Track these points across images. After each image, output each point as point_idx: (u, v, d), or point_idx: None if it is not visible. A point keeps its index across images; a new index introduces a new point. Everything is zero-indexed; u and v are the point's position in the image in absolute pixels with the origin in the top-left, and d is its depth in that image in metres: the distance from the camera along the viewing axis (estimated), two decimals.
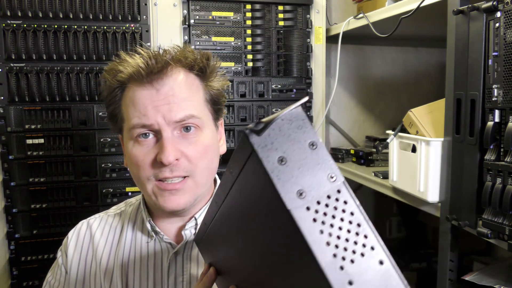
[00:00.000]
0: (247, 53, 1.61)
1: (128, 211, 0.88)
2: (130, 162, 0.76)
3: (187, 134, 0.73)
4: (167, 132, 0.71)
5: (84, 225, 0.89)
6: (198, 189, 0.76)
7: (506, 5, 0.90)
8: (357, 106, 2.21)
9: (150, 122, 0.71)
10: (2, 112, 1.40)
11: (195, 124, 0.73)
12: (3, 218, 1.43)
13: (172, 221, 0.81)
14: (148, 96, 0.72)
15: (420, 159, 1.20)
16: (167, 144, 0.70)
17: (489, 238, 0.95)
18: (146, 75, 0.72)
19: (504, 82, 0.91)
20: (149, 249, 0.81)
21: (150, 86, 0.72)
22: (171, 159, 0.70)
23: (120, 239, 0.84)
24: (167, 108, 0.71)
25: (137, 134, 0.73)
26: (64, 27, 1.42)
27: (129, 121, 0.74)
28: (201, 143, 0.74)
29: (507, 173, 0.91)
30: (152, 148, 0.73)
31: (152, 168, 0.72)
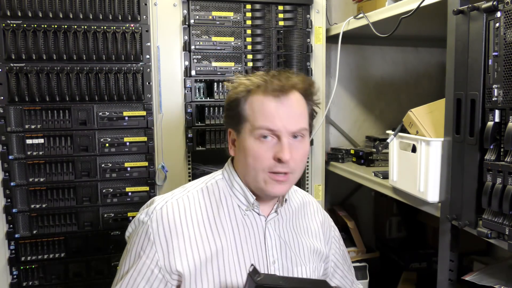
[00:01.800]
0: (247, 53, 1.61)
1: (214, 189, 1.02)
2: (248, 154, 0.94)
3: (295, 140, 0.95)
4: (286, 137, 0.93)
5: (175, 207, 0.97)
6: (294, 182, 1.00)
7: (506, 5, 0.90)
8: (357, 106, 2.21)
9: (275, 128, 0.92)
10: (2, 112, 1.40)
11: (302, 134, 0.96)
12: (3, 218, 1.43)
13: (265, 202, 1.02)
14: (274, 107, 0.93)
15: (420, 159, 1.20)
16: (286, 147, 0.92)
17: (489, 238, 0.96)
18: (277, 90, 0.93)
19: (504, 82, 0.91)
20: (246, 220, 1.00)
21: (277, 98, 0.93)
22: (287, 158, 0.91)
23: (219, 213, 0.99)
24: (288, 120, 0.93)
25: (260, 135, 0.93)
26: (64, 27, 1.42)
27: (255, 123, 0.94)
28: (303, 150, 0.97)
29: (507, 173, 0.91)
30: (272, 147, 0.93)
31: (269, 163, 0.93)
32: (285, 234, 1.05)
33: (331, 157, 1.94)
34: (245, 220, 1.01)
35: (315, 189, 1.78)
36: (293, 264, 1.04)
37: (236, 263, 0.96)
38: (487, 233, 0.96)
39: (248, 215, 1.01)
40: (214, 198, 1.01)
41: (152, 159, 1.54)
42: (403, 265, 1.93)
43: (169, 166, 1.56)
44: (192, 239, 0.94)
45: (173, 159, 1.57)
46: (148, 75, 1.52)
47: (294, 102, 0.96)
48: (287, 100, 0.95)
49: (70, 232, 1.49)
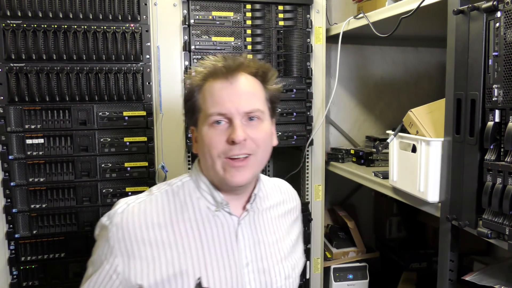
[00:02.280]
0: (247, 53, 1.61)
1: (179, 190, 0.96)
2: (203, 144, 0.91)
3: (251, 122, 0.91)
4: (238, 119, 0.89)
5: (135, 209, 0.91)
6: (258, 167, 0.94)
7: (506, 5, 0.90)
8: (357, 106, 2.21)
9: (225, 111, 0.88)
10: (2, 112, 1.40)
11: (258, 116, 0.92)
12: (3, 218, 1.43)
13: (231, 198, 0.96)
14: (224, 89, 0.90)
15: (420, 159, 1.20)
16: (237, 127, 0.88)
17: (489, 238, 0.96)
18: (225, 72, 0.90)
19: (504, 82, 0.91)
20: (216, 221, 0.94)
21: (225, 80, 0.91)
22: (241, 138, 0.87)
23: (183, 214, 0.93)
24: (239, 101, 0.89)
25: (212, 121, 0.89)
26: (64, 27, 1.42)
27: (207, 110, 0.90)
28: (262, 129, 0.92)
29: (507, 173, 0.91)
30: (225, 131, 0.89)
31: (223, 147, 0.89)
32: (261, 233, 1.00)
33: (331, 157, 1.94)
34: (215, 222, 0.95)
35: (315, 189, 1.78)
36: (269, 265, 0.98)
37: (203, 270, 0.90)
38: (487, 233, 0.96)
39: (219, 216, 0.95)
40: (179, 201, 0.95)
41: (152, 159, 1.54)
42: (403, 265, 1.93)
43: (169, 166, 1.56)
44: (153, 245, 0.89)
45: (173, 159, 1.57)
46: (148, 75, 1.52)
47: (245, 82, 0.92)
48: (236, 81, 0.91)
49: (70, 232, 1.49)
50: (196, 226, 0.93)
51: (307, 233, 1.72)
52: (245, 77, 0.93)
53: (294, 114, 1.67)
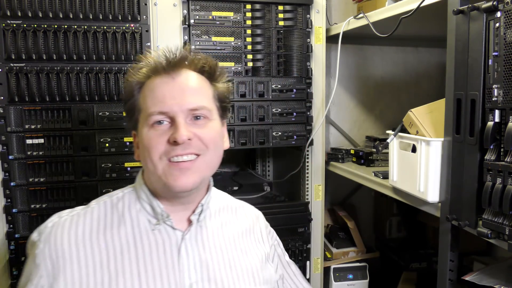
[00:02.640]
0: (247, 53, 1.61)
1: (118, 202, 0.87)
2: (143, 146, 0.82)
3: (197, 121, 0.83)
4: (181, 118, 0.80)
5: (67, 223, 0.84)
6: (206, 170, 0.85)
7: (506, 5, 0.90)
8: (357, 106, 2.21)
9: (167, 110, 0.80)
10: (2, 112, 1.40)
11: (204, 115, 0.83)
12: (3, 218, 1.43)
13: (176, 210, 0.86)
14: (165, 85, 0.82)
15: (420, 159, 1.20)
16: (180, 125, 0.79)
17: (489, 238, 0.96)
18: (166, 67, 0.83)
19: (504, 82, 0.91)
20: (156, 236, 0.84)
21: (167, 75, 0.83)
22: (184, 138, 0.78)
23: (119, 228, 0.84)
24: (182, 97, 0.81)
25: (153, 121, 0.80)
26: (64, 27, 1.42)
27: (147, 110, 0.82)
28: (210, 128, 0.84)
29: (507, 173, 0.91)
30: (166, 131, 0.80)
31: (164, 148, 0.79)
32: (211, 251, 0.87)
33: (331, 157, 1.94)
34: (155, 238, 0.83)
35: (315, 189, 1.78)
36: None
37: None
38: (487, 233, 0.96)
39: (160, 231, 0.84)
40: (117, 214, 0.85)
41: None
42: (403, 265, 1.93)
43: None
44: (82, 264, 0.79)
45: None
46: None
47: (189, 77, 0.84)
48: (179, 76, 0.83)
49: None
50: (134, 243, 0.82)
51: (307, 233, 1.72)
52: (190, 73, 0.85)
53: (294, 114, 1.67)
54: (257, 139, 1.63)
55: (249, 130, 1.62)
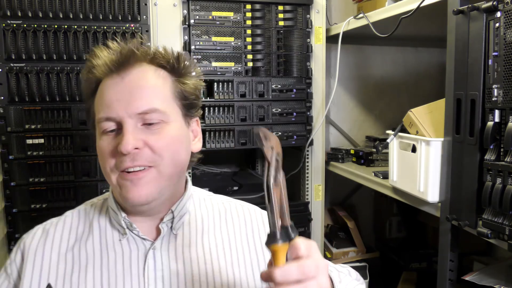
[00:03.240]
0: (247, 53, 1.61)
1: (91, 210, 0.84)
2: (98, 156, 0.76)
3: (151, 126, 0.73)
4: (128, 123, 0.71)
5: (39, 230, 0.83)
6: (162, 181, 0.75)
7: (506, 5, 0.90)
8: (357, 106, 2.21)
9: (113, 115, 0.72)
10: (2, 112, 1.40)
11: (158, 119, 0.73)
12: (3, 218, 1.43)
13: (144, 220, 0.80)
14: (113, 86, 0.73)
15: (420, 159, 1.20)
16: (125, 133, 0.70)
17: (489, 238, 0.96)
18: (115, 67, 0.74)
19: (504, 82, 0.91)
20: (123, 247, 0.78)
21: (117, 75, 0.74)
22: (129, 148, 0.70)
23: (88, 240, 0.79)
24: (129, 99, 0.72)
25: (103, 128, 0.74)
26: (64, 27, 1.42)
27: (96, 115, 0.75)
28: (165, 134, 0.74)
29: (507, 173, 0.91)
30: (114, 138, 0.73)
31: (114, 159, 0.73)
32: (185, 262, 0.78)
33: (331, 157, 1.94)
34: (122, 248, 0.78)
35: (315, 189, 1.78)
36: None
37: None
38: (487, 233, 0.96)
39: (129, 241, 0.78)
40: (89, 223, 0.81)
41: None
42: (403, 265, 1.93)
43: None
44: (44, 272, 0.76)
45: None
46: None
47: (140, 76, 0.74)
48: (128, 75, 0.73)
49: None
50: (100, 254, 0.77)
51: (307, 233, 1.72)
52: (143, 69, 0.75)
53: (294, 114, 1.67)
54: None
55: (249, 130, 1.62)
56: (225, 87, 1.58)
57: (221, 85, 1.58)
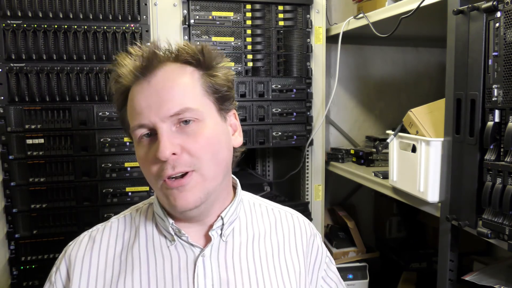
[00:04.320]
0: (247, 53, 1.61)
1: (136, 215, 0.83)
2: (140, 165, 0.75)
3: (186, 127, 0.70)
4: (162, 128, 0.69)
5: (85, 237, 0.82)
6: (207, 184, 0.72)
7: (506, 5, 0.90)
8: (357, 106, 2.21)
9: (145, 122, 0.70)
10: (2, 112, 1.40)
11: (192, 118, 0.71)
12: (3, 218, 1.43)
13: (193, 225, 0.78)
14: (141, 92, 0.71)
15: (420, 159, 1.20)
16: (161, 139, 0.68)
17: (489, 238, 0.96)
18: (140, 72, 0.72)
19: (504, 82, 0.91)
20: (171, 252, 0.76)
21: (143, 80, 0.72)
22: (167, 155, 0.67)
23: (134, 245, 0.78)
24: (159, 103, 0.69)
25: (139, 136, 0.72)
26: (64, 27, 1.42)
27: (131, 124, 0.73)
28: (201, 134, 0.71)
29: (507, 173, 0.91)
30: (152, 146, 0.71)
31: (155, 166, 0.70)
32: (235, 270, 0.76)
33: (331, 157, 1.94)
34: (170, 254, 0.76)
35: (315, 189, 1.78)
36: None
37: None
38: (487, 233, 0.96)
39: (177, 247, 0.76)
40: (135, 228, 0.80)
41: None
42: (403, 265, 1.93)
43: None
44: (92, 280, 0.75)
45: None
46: None
47: (166, 77, 0.71)
48: (154, 77, 0.71)
49: (70, 232, 1.49)
50: (146, 259, 0.76)
51: None
52: (167, 68, 0.73)
53: (294, 114, 1.67)
54: (257, 139, 1.63)
55: (249, 130, 1.62)
56: None
57: None
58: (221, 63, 0.77)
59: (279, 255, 0.81)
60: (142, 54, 0.73)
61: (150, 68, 0.72)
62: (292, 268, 0.81)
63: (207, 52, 0.75)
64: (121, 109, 0.78)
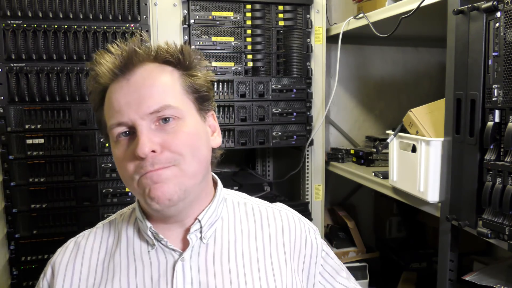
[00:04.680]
0: (247, 53, 1.61)
1: (119, 220, 0.82)
2: (116, 165, 0.73)
3: (166, 125, 0.69)
4: (142, 125, 0.68)
5: (71, 243, 0.82)
6: (186, 180, 0.70)
7: (506, 5, 0.90)
8: (357, 106, 2.21)
9: (124, 119, 0.68)
10: (2, 112, 1.40)
11: (172, 115, 0.70)
12: (3, 218, 1.43)
13: (173, 228, 0.76)
14: (120, 90, 0.70)
15: (420, 159, 1.20)
16: (141, 136, 0.67)
17: (489, 238, 0.96)
18: (119, 70, 0.71)
19: (504, 82, 0.91)
20: (151, 258, 0.75)
21: (122, 78, 0.71)
22: (146, 151, 0.66)
23: (116, 251, 0.77)
24: (138, 101, 0.68)
25: (116, 134, 0.70)
26: (64, 27, 1.42)
27: (108, 122, 0.72)
28: (182, 131, 0.70)
29: (507, 173, 0.91)
30: (131, 145, 0.69)
31: (132, 164, 0.69)
32: (216, 273, 0.73)
33: (331, 157, 1.94)
34: (150, 259, 0.74)
35: (315, 189, 1.78)
36: None
37: None
38: (487, 233, 0.96)
39: (157, 252, 0.75)
40: (118, 233, 0.79)
41: None
42: (403, 265, 1.93)
43: None
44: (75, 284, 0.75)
45: None
46: None
47: (146, 75, 0.71)
48: (133, 76, 0.70)
49: (70, 232, 1.48)
50: (126, 266, 0.75)
51: None
52: (147, 67, 0.72)
53: (294, 114, 1.67)
54: (257, 139, 1.63)
55: (249, 130, 1.62)
56: (225, 87, 1.58)
57: (221, 85, 1.58)
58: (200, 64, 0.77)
59: (264, 256, 0.78)
60: (122, 52, 0.72)
61: (130, 66, 0.71)
62: (278, 269, 0.77)
63: (187, 52, 0.75)
64: (97, 109, 0.76)
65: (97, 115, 0.77)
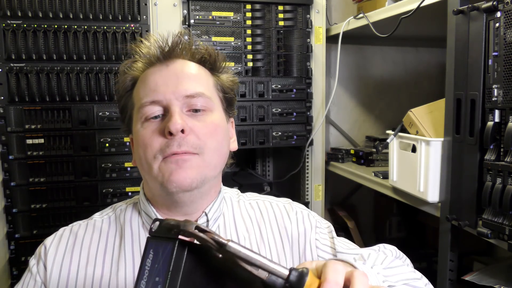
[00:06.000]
0: (247, 53, 1.61)
1: (120, 214, 0.82)
2: (137, 146, 0.73)
3: (196, 114, 0.73)
4: (176, 105, 0.71)
5: (66, 232, 0.81)
6: (207, 170, 0.72)
7: (506, 5, 0.90)
8: (357, 106, 2.21)
9: (160, 98, 0.71)
10: (2, 112, 1.40)
11: (204, 106, 0.74)
12: (3, 218, 1.43)
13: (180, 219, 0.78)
14: (158, 72, 0.74)
15: (420, 159, 1.20)
16: (174, 113, 0.70)
17: (489, 238, 0.96)
18: (160, 56, 0.76)
19: (504, 82, 0.91)
20: None
21: (160, 63, 0.76)
22: (178, 127, 0.68)
23: (120, 244, 0.77)
24: (176, 82, 0.72)
25: (146, 115, 0.72)
26: (64, 27, 1.42)
27: (139, 102, 0.74)
28: (211, 122, 0.74)
29: (507, 173, 0.91)
30: (161, 125, 0.71)
31: (159, 144, 0.70)
32: None
33: (331, 157, 1.94)
34: None
35: (315, 189, 1.78)
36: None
37: None
38: (487, 233, 0.96)
39: None
40: (120, 226, 0.79)
41: None
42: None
43: None
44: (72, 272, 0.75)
45: None
46: None
47: (185, 65, 0.76)
48: (173, 63, 0.75)
49: None
50: (131, 256, 0.75)
51: None
52: (186, 62, 0.77)
53: (294, 114, 1.67)
54: (257, 139, 1.63)
55: (249, 130, 1.62)
56: None
57: None
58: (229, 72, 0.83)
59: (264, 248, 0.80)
60: (167, 40, 0.77)
61: (171, 55, 0.76)
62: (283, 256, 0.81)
63: (222, 60, 0.81)
64: (124, 94, 0.78)
65: (123, 100, 0.79)
